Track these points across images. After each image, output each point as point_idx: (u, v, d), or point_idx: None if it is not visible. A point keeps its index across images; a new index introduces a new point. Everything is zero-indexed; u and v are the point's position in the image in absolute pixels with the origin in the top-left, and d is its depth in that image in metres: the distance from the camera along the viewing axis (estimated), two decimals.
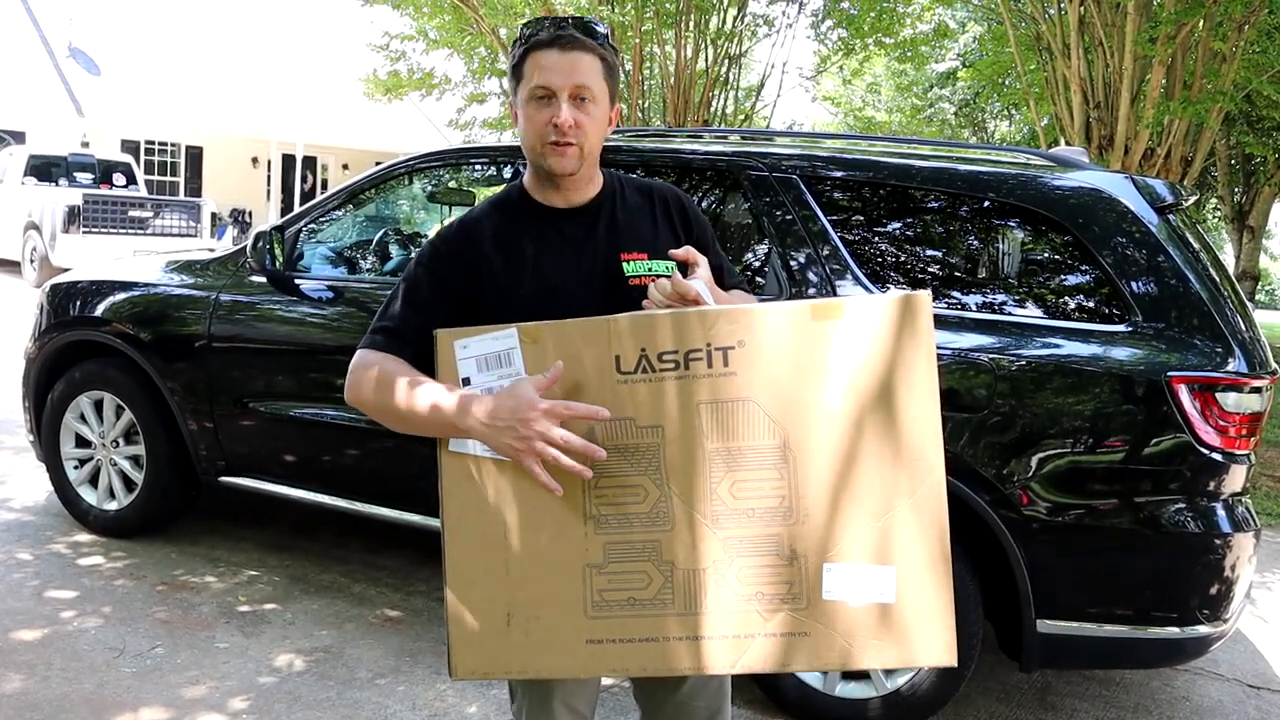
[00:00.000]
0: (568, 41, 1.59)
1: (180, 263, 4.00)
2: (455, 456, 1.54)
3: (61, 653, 3.01)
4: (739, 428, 1.46)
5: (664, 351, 1.46)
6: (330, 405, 3.47)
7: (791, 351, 1.44)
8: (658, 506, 1.48)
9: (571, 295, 1.65)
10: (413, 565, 3.92)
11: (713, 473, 1.47)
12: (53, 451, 4.07)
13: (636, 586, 1.49)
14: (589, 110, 1.61)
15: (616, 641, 1.50)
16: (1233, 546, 2.58)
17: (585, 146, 1.63)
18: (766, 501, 1.46)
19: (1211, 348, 2.56)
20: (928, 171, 2.97)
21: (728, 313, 1.46)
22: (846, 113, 28.87)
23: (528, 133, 1.63)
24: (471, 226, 1.70)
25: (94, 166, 14.84)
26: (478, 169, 3.92)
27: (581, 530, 1.50)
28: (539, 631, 1.52)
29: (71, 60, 19.49)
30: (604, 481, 1.49)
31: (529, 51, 1.61)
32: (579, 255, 1.68)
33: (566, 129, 1.59)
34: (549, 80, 1.59)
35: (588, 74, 1.60)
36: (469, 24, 16.07)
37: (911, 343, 1.43)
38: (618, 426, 1.48)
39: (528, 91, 1.61)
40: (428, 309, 1.64)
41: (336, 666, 3.05)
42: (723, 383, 1.45)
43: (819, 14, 16.35)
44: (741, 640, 1.48)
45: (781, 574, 1.46)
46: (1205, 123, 10.50)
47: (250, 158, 22.62)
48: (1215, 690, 3.33)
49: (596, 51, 1.61)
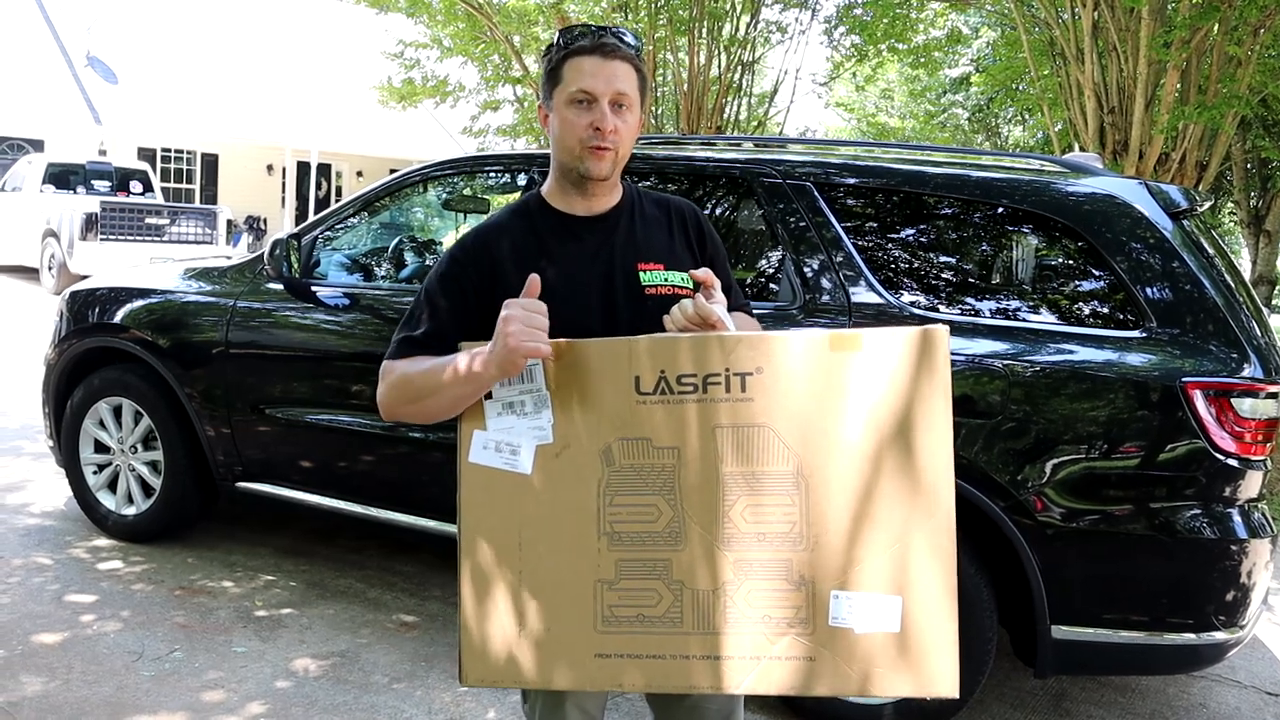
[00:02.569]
0: (610, 49, 1.63)
1: (198, 270, 4.04)
2: (474, 468, 1.57)
3: (81, 656, 3.04)
4: (754, 453, 1.48)
5: (683, 374, 1.49)
6: (346, 411, 3.50)
7: (809, 380, 1.47)
8: (671, 526, 1.51)
9: (588, 303, 1.67)
10: (429, 571, 3.94)
11: (726, 496, 1.49)
12: (72, 457, 4.11)
13: (646, 604, 1.52)
14: (625, 117, 1.66)
15: (624, 657, 1.53)
16: (1249, 552, 2.58)
17: (620, 152, 1.67)
18: (778, 527, 1.48)
19: (1227, 353, 2.56)
20: (941, 178, 2.97)
21: (747, 339, 1.49)
22: (859, 119, 28.83)
23: (566, 135, 1.66)
24: (490, 235, 1.72)
25: (111, 174, 14.95)
26: (492, 177, 3.95)
27: (595, 546, 1.53)
28: (549, 643, 1.54)
29: (90, 69, 19.65)
30: (620, 499, 1.52)
31: (569, 56, 1.64)
32: (596, 263, 1.70)
33: (608, 133, 1.62)
34: (591, 85, 1.62)
35: (626, 81, 1.64)
36: (483, 32, 16.14)
37: (928, 376, 1.45)
38: (634, 446, 1.51)
39: (568, 95, 1.64)
40: (449, 318, 1.66)
41: (353, 671, 3.07)
42: (740, 408, 1.48)
43: (832, 20, 16.35)
44: (747, 662, 1.50)
45: (790, 598, 1.49)
46: (1221, 127, 10.44)
47: (265, 165, 22.75)
48: (1232, 697, 3.31)
49: (633, 61, 1.65)
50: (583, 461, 1.52)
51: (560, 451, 1.53)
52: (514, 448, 1.55)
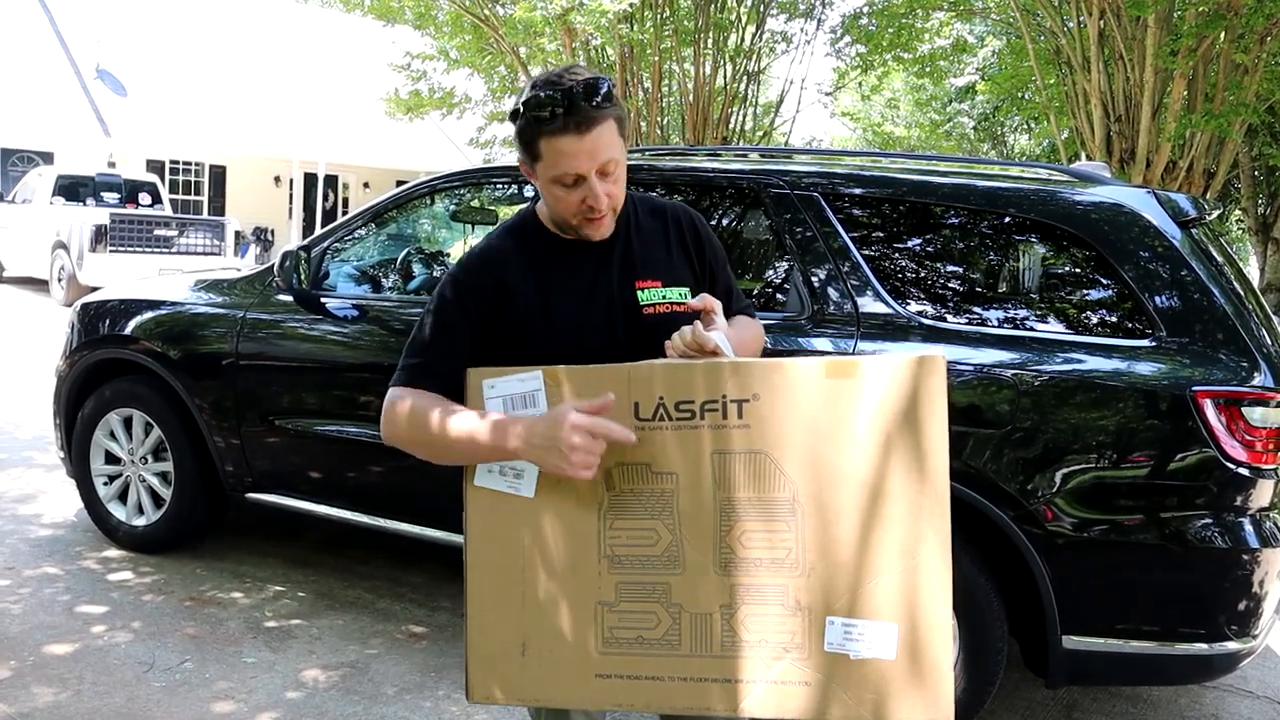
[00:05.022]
0: (584, 122, 1.52)
1: (208, 281, 4.06)
2: (479, 490, 1.60)
3: (92, 667, 3.05)
4: (751, 479, 1.49)
5: (681, 401, 1.50)
6: (355, 422, 3.51)
7: (805, 407, 1.48)
8: (669, 550, 1.53)
9: (588, 326, 1.67)
10: (437, 581, 3.94)
11: (724, 521, 1.51)
12: (83, 468, 4.13)
13: (645, 626, 1.54)
14: (615, 175, 1.60)
15: (624, 678, 1.55)
16: (1261, 561, 2.57)
17: (617, 207, 1.64)
18: (774, 552, 1.50)
19: (1237, 362, 2.55)
20: (949, 188, 2.98)
21: (745, 366, 1.50)
22: (865, 128, 28.88)
23: (558, 210, 1.63)
24: (491, 256, 1.71)
25: (120, 186, 15.04)
26: (499, 188, 3.96)
27: (596, 569, 1.55)
28: (552, 662, 1.57)
29: (99, 82, 19.78)
30: (620, 523, 1.54)
31: (541, 136, 1.55)
32: (595, 285, 1.69)
33: (602, 204, 1.59)
34: (575, 167, 1.55)
35: (609, 147, 1.56)
36: (489, 43, 16.21)
37: (925, 403, 1.46)
38: (634, 471, 1.53)
39: (552, 176, 1.58)
40: (453, 341, 1.65)
41: (362, 682, 3.08)
42: (737, 434, 1.49)
43: (837, 30, 16.40)
44: (744, 685, 1.51)
45: (786, 624, 1.50)
46: (1228, 135, 10.42)
47: (273, 177, 22.85)
48: (1245, 708, 3.30)
49: (609, 115, 1.56)
50: (584, 486, 1.54)
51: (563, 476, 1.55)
52: (518, 471, 1.58)
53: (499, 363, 1.62)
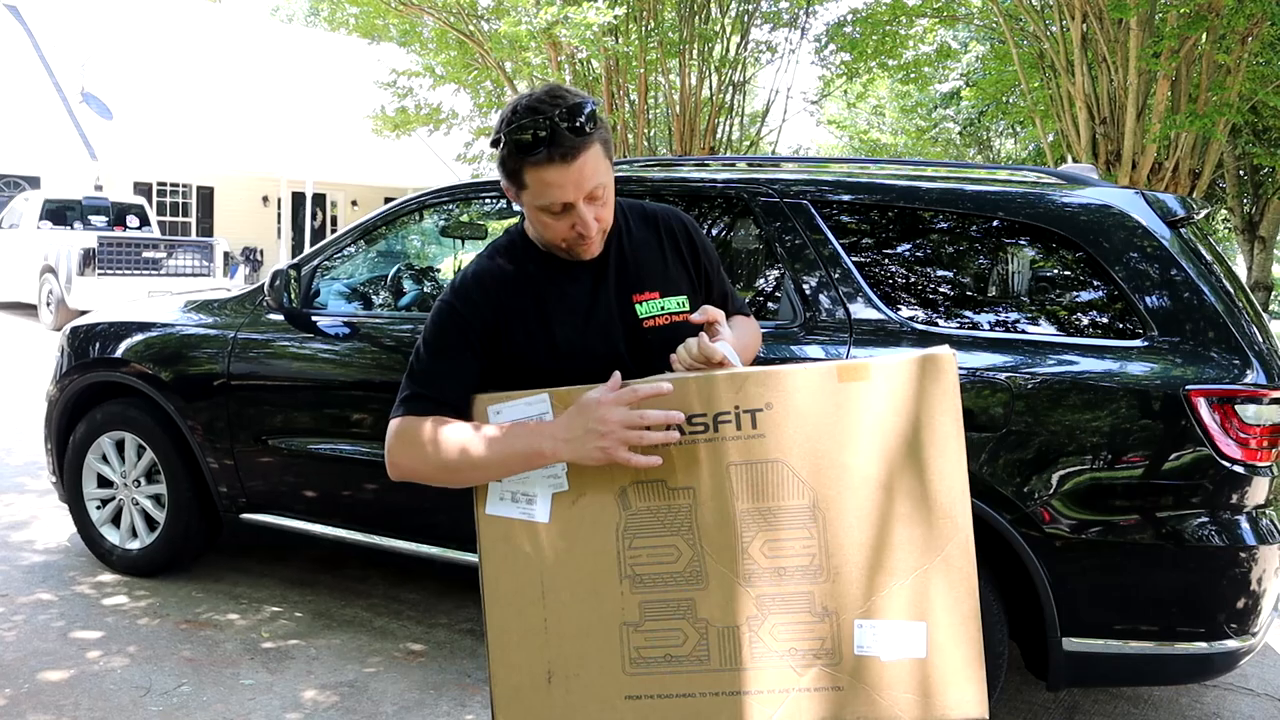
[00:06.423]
0: (569, 151, 1.47)
1: (198, 302, 4.05)
2: (492, 519, 1.57)
3: (89, 693, 3.02)
4: (769, 488, 1.48)
5: (693, 415, 1.49)
6: (349, 440, 3.49)
7: (819, 413, 1.47)
8: (691, 566, 1.51)
9: (590, 344, 1.64)
10: (434, 598, 3.92)
11: (744, 532, 1.49)
12: (75, 492, 4.10)
13: (673, 644, 1.52)
14: (604, 198, 1.56)
15: (655, 697, 1.53)
16: (1258, 559, 2.57)
17: (606, 229, 1.61)
18: (797, 560, 1.49)
19: (1229, 360, 2.56)
20: (937, 192, 2.99)
21: (755, 375, 1.49)
22: (851, 136, 28.99)
23: (546, 236, 1.60)
24: (484, 277, 1.66)
25: (108, 209, 15.01)
26: (488, 203, 3.96)
27: (618, 589, 1.53)
28: (579, 689, 1.55)
29: (84, 105, 19.75)
30: (639, 541, 1.52)
31: (526, 166, 1.50)
32: (593, 301, 1.66)
33: (592, 231, 1.56)
34: (562, 197, 1.51)
35: (596, 171, 1.51)
36: (474, 59, 16.25)
37: (938, 401, 1.46)
38: (650, 488, 1.52)
39: (539, 205, 1.54)
40: (453, 369, 1.60)
41: (362, 701, 3.05)
42: (752, 444, 1.48)
43: (822, 39, 16.46)
44: (776, 695, 1.50)
45: (814, 630, 1.49)
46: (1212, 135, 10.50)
47: (261, 196, 22.82)
48: (1246, 706, 3.30)
49: (594, 140, 1.50)
50: (599, 506, 1.53)
51: (577, 498, 1.54)
52: (530, 497, 1.55)
53: (499, 385, 1.60)
